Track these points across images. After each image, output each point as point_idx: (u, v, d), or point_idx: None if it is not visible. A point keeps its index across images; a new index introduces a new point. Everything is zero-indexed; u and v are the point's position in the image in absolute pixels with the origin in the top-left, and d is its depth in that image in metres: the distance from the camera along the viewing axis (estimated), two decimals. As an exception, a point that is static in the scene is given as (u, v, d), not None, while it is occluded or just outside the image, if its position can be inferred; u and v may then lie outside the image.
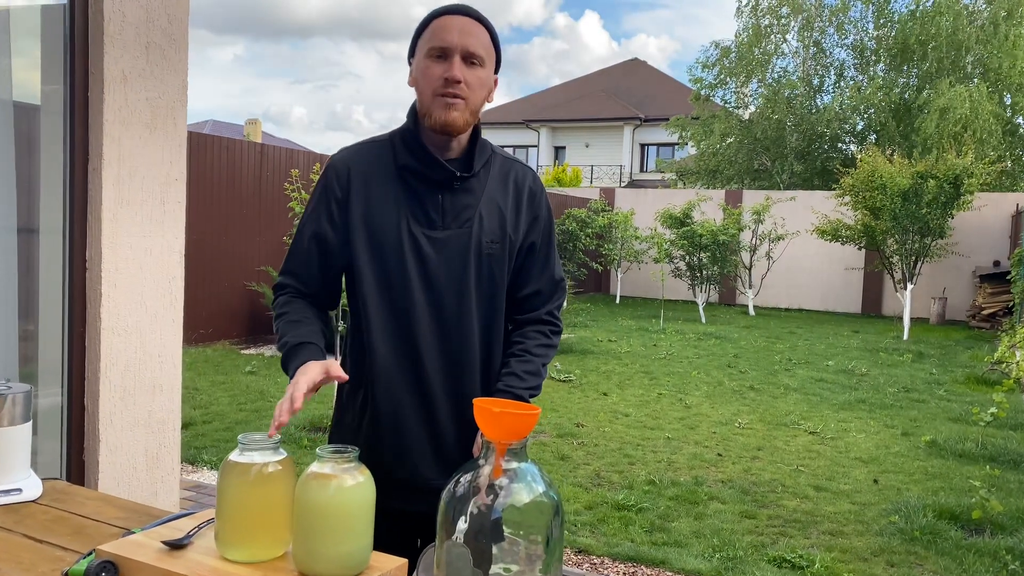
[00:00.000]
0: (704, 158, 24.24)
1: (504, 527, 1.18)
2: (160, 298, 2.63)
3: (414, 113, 1.59)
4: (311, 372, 1.44)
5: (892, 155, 14.26)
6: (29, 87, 2.48)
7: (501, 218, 1.60)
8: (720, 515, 4.00)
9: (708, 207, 16.28)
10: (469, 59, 1.51)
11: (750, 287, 15.73)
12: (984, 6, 21.13)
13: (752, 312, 15.42)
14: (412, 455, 1.60)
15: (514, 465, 1.21)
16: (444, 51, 1.50)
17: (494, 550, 1.17)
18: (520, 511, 1.20)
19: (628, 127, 35.49)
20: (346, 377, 1.46)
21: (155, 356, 2.63)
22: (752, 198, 17.04)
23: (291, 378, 1.47)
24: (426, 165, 1.55)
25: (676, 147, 30.71)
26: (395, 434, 1.60)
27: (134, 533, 1.46)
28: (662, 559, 3.39)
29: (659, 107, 33.74)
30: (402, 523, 1.61)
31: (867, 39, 22.91)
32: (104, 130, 2.41)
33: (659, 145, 34.96)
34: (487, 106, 1.65)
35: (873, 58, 22.87)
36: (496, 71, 1.61)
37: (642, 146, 36.31)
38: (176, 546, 1.38)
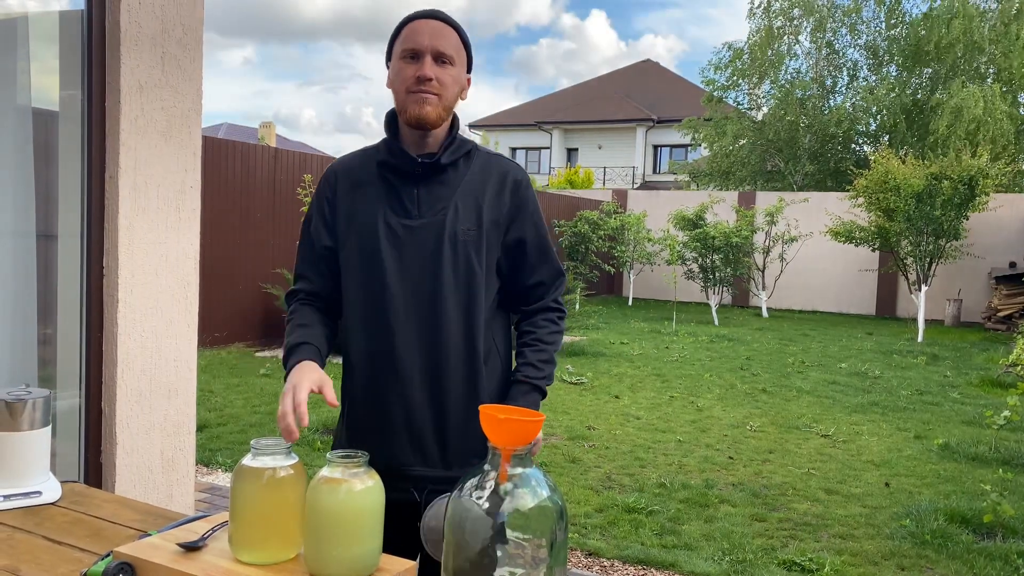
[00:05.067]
0: (717, 160, 24.20)
1: (508, 531, 1.20)
2: (175, 303, 2.67)
3: (391, 116, 1.70)
4: (304, 382, 1.49)
5: (905, 156, 14.19)
6: (48, 94, 2.53)
7: (478, 208, 1.65)
8: (730, 518, 4.01)
9: (721, 209, 16.26)
10: (440, 59, 1.60)
11: (763, 289, 15.69)
12: (995, 5, 20.99)
13: (765, 314, 15.38)
14: (388, 439, 1.66)
15: (519, 471, 1.24)
16: (416, 52, 1.60)
17: (498, 554, 1.20)
18: (525, 515, 1.22)
19: (641, 128, 35.46)
20: (335, 403, 1.52)
21: (170, 360, 2.67)
22: (765, 200, 17.00)
23: (286, 374, 1.55)
24: (397, 158, 1.65)
25: (689, 149, 30.66)
26: (371, 417, 1.66)
27: (150, 535, 1.50)
28: (672, 562, 3.41)
29: (672, 108, 33.70)
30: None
31: (879, 40, 22.81)
32: (120, 139, 2.45)
33: (672, 147, 34.93)
34: (491, 108, 1.72)
35: (886, 58, 22.76)
36: (468, 71, 1.70)
37: (655, 147, 36.27)
38: (191, 548, 1.41)
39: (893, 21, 22.39)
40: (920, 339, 12.23)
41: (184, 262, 2.68)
